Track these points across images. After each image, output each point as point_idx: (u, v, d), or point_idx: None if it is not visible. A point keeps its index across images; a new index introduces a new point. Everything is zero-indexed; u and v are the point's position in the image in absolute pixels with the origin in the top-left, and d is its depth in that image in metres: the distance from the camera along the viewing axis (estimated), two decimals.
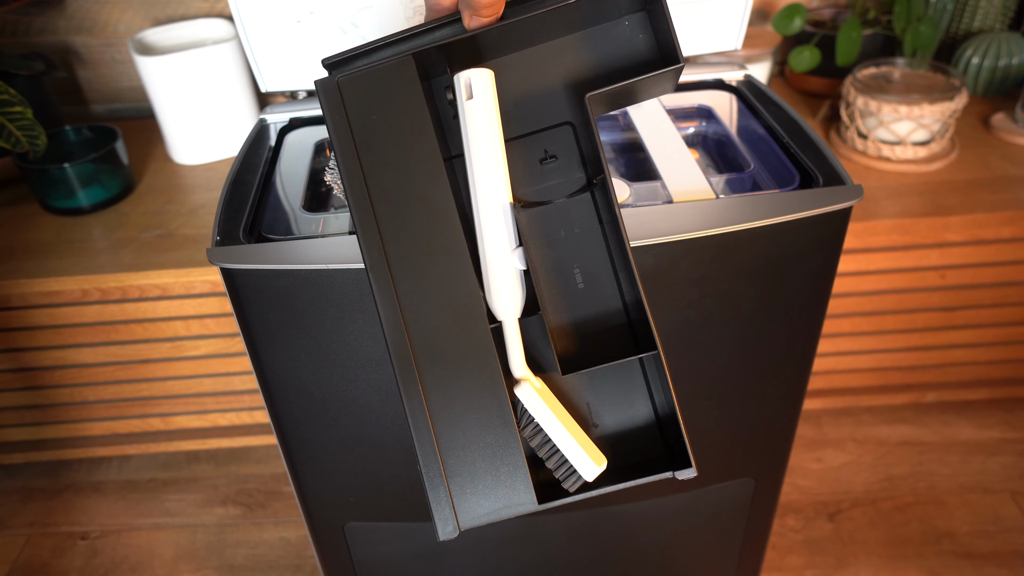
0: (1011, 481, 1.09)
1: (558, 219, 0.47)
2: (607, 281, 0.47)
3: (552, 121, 0.48)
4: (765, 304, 0.61)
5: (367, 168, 0.44)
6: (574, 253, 0.47)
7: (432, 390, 0.44)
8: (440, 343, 0.44)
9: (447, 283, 0.44)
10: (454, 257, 0.44)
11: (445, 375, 0.43)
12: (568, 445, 0.43)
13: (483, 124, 0.44)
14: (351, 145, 0.44)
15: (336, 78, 0.45)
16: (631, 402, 0.48)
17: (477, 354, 0.43)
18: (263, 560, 1.06)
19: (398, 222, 0.44)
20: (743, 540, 0.82)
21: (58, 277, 0.96)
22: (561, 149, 0.48)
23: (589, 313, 0.47)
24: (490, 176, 0.44)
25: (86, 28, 1.22)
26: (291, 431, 0.65)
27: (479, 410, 0.44)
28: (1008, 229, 0.98)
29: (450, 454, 0.43)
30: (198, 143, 1.15)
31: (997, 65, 1.17)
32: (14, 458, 1.16)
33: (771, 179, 0.64)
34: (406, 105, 0.44)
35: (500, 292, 0.44)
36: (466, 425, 0.43)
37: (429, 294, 0.44)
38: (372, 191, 0.44)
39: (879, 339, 1.09)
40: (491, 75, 0.45)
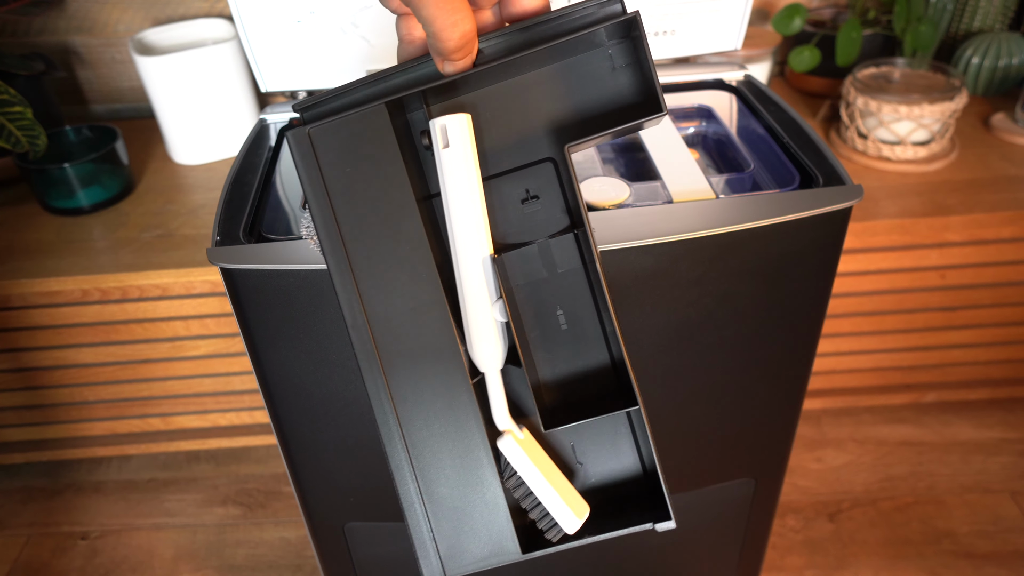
0: (1011, 481, 1.09)
1: (541, 259, 0.46)
2: (591, 323, 0.46)
3: (534, 157, 0.46)
4: (765, 304, 0.61)
5: (342, 222, 0.43)
6: (557, 294, 0.46)
7: (415, 445, 0.44)
8: (422, 399, 0.44)
9: (427, 339, 0.44)
10: (433, 313, 0.44)
11: (428, 431, 0.44)
12: (549, 498, 0.44)
13: (460, 174, 0.43)
14: (325, 199, 0.43)
15: (308, 130, 0.44)
16: (616, 443, 0.48)
17: (459, 409, 0.44)
18: (263, 560, 1.06)
19: (375, 278, 0.43)
20: (743, 540, 0.82)
21: (58, 277, 0.96)
22: (544, 187, 0.46)
23: (572, 357, 0.46)
24: (468, 229, 0.43)
25: (86, 28, 1.22)
26: (291, 431, 0.65)
27: (463, 464, 0.44)
28: (1008, 229, 0.98)
29: (435, 506, 0.44)
30: (198, 143, 1.15)
31: (997, 65, 1.17)
32: (14, 458, 1.16)
33: (771, 179, 0.64)
34: (380, 156, 0.43)
35: (481, 345, 0.44)
36: (450, 479, 0.44)
37: (410, 351, 0.44)
38: (348, 246, 0.43)
39: (879, 339, 1.09)
40: (468, 120, 0.44)
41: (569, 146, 0.44)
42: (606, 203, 0.60)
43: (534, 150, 0.46)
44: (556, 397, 0.47)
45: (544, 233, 0.46)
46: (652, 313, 0.59)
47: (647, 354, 0.62)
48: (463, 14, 0.39)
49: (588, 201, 0.60)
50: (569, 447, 0.48)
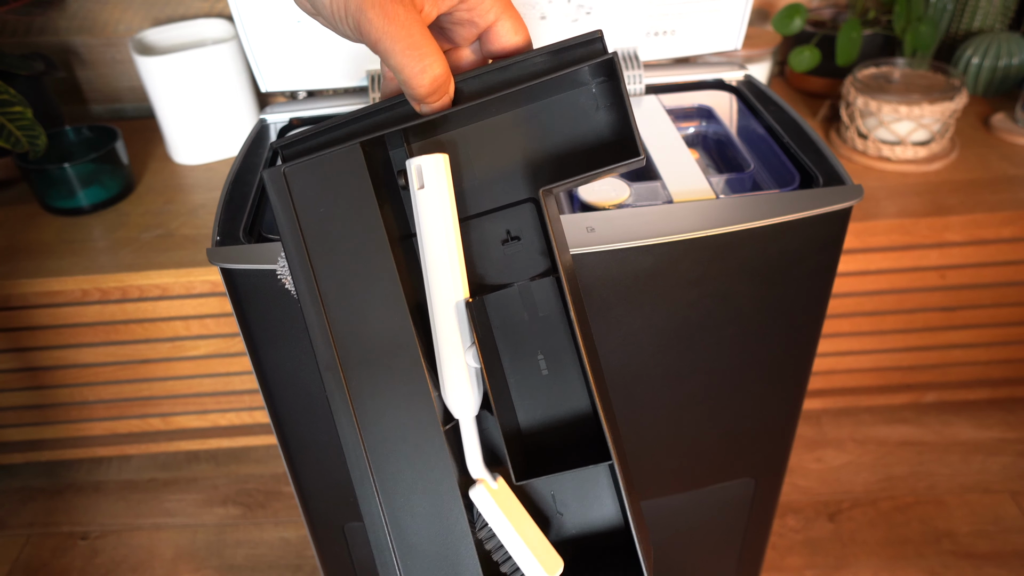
0: (1011, 481, 1.09)
1: (521, 301, 0.44)
2: (573, 369, 0.45)
3: (514, 197, 0.45)
4: (765, 304, 0.61)
5: (316, 263, 0.43)
6: (538, 338, 0.45)
7: (386, 492, 0.43)
8: (393, 445, 0.43)
9: (398, 384, 0.42)
10: (404, 357, 0.42)
11: (399, 477, 0.43)
12: (520, 553, 0.42)
13: (434, 216, 0.42)
14: (299, 238, 0.43)
15: (283, 169, 0.43)
16: (598, 493, 0.46)
17: (430, 457, 0.42)
18: (263, 560, 1.06)
19: (348, 321, 0.43)
20: (743, 540, 0.82)
21: (58, 277, 0.96)
22: (524, 227, 0.45)
23: (552, 404, 0.45)
24: (441, 272, 0.42)
25: (86, 28, 1.22)
26: (291, 431, 0.65)
27: (434, 513, 0.43)
28: (1008, 229, 0.98)
29: (405, 559, 0.43)
30: (198, 143, 1.15)
31: (997, 65, 1.17)
32: (14, 458, 1.16)
33: (771, 179, 0.64)
34: (354, 197, 0.42)
35: (454, 391, 0.42)
36: (421, 528, 0.43)
37: (381, 395, 0.43)
38: (321, 287, 0.43)
39: (879, 339, 1.09)
40: (444, 161, 0.42)
41: (544, 189, 0.42)
42: (606, 203, 0.60)
43: (515, 190, 0.45)
44: (533, 445, 0.45)
45: (525, 275, 0.45)
46: (652, 313, 0.59)
47: (647, 354, 0.62)
48: (431, 59, 0.39)
49: (588, 201, 0.60)
50: (549, 496, 0.46)
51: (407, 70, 0.39)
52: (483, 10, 0.42)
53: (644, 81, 0.75)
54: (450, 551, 0.43)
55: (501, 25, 0.42)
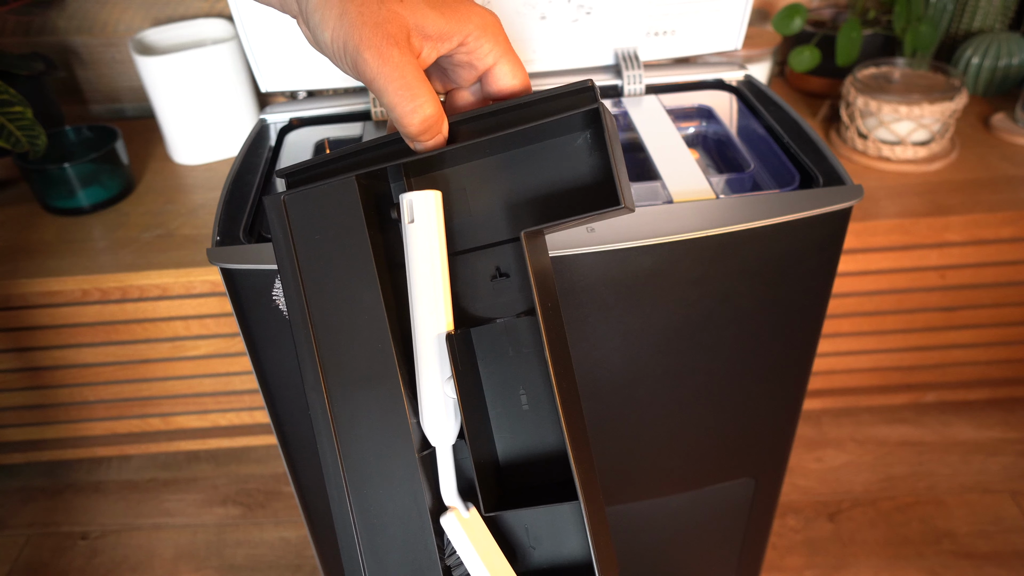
0: (1011, 481, 1.09)
1: (507, 337, 0.45)
2: (553, 404, 0.45)
3: (505, 235, 0.46)
4: (765, 304, 0.61)
5: (308, 287, 0.44)
6: (521, 374, 0.46)
7: (361, 513, 0.44)
8: (370, 468, 0.44)
9: (378, 409, 0.44)
10: (384, 384, 0.44)
11: (373, 499, 0.44)
12: None
13: (422, 250, 0.43)
14: (293, 264, 0.44)
15: (283, 197, 0.45)
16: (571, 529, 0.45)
17: (405, 482, 0.43)
18: (263, 560, 1.06)
19: (334, 345, 0.44)
20: (743, 540, 0.82)
21: (58, 277, 0.96)
22: (512, 264, 0.46)
23: (531, 439, 0.46)
24: (426, 304, 0.43)
25: (86, 28, 1.22)
26: (291, 431, 0.65)
27: (402, 539, 0.44)
28: (1008, 229, 0.98)
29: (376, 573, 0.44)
30: (198, 143, 1.15)
31: (997, 65, 1.17)
32: (14, 458, 1.16)
33: (771, 179, 0.64)
34: (347, 227, 0.44)
35: (431, 420, 0.43)
36: (391, 550, 0.44)
37: (361, 420, 0.44)
38: (312, 311, 0.44)
39: (879, 339, 1.09)
40: (436, 197, 0.44)
41: (526, 231, 0.43)
42: None
43: (507, 228, 0.46)
44: (509, 478, 0.46)
45: (512, 311, 0.46)
46: (652, 313, 0.59)
47: (647, 354, 0.62)
48: (423, 100, 0.40)
49: None
50: (523, 529, 0.46)
51: (398, 109, 0.40)
52: (482, 54, 0.43)
53: (644, 81, 0.75)
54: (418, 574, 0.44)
55: (500, 68, 0.44)
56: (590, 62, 0.77)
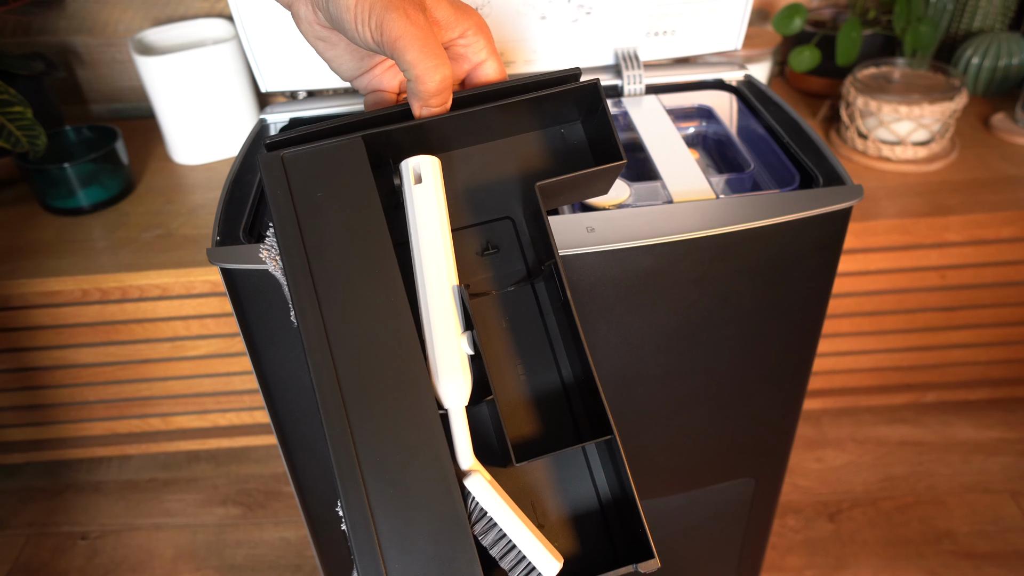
0: (1011, 481, 1.09)
1: (499, 310, 0.46)
2: (549, 373, 0.46)
3: (494, 215, 0.48)
4: (765, 304, 0.61)
5: (310, 246, 0.42)
6: (516, 345, 0.46)
7: (374, 485, 0.39)
8: (384, 433, 0.40)
9: (394, 369, 0.41)
10: (402, 341, 0.41)
11: (388, 468, 0.40)
12: (526, 540, 0.40)
13: (430, 207, 0.44)
14: (294, 222, 0.42)
15: (282, 154, 0.43)
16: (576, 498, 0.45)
17: (424, 444, 0.40)
18: (263, 560, 1.06)
19: (341, 303, 0.41)
20: (743, 540, 0.82)
21: (58, 277, 0.96)
22: (502, 241, 0.48)
23: (532, 404, 0.46)
24: (437, 257, 0.43)
25: (86, 28, 1.22)
26: (291, 431, 0.65)
27: (426, 506, 0.39)
28: (1008, 229, 0.98)
29: (393, 557, 0.39)
30: (198, 143, 1.15)
31: (997, 65, 1.17)
32: (14, 458, 1.16)
33: (771, 179, 0.64)
34: (354, 185, 0.43)
35: (447, 378, 0.41)
36: (411, 524, 0.39)
37: (373, 379, 0.41)
38: (314, 270, 0.42)
39: (879, 339, 1.09)
40: (437, 163, 0.45)
41: (539, 184, 0.45)
42: (606, 203, 0.60)
43: (495, 209, 0.48)
44: (522, 433, 0.45)
45: (502, 286, 0.47)
46: (652, 313, 0.59)
47: (647, 354, 0.62)
48: (442, 59, 0.43)
49: (588, 201, 0.60)
50: (529, 504, 0.44)
51: (421, 65, 0.43)
52: (476, 48, 0.48)
53: (644, 81, 0.75)
54: (445, 549, 0.39)
55: (488, 65, 0.48)
56: (590, 62, 0.77)
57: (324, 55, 0.49)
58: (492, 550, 0.40)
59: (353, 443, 0.40)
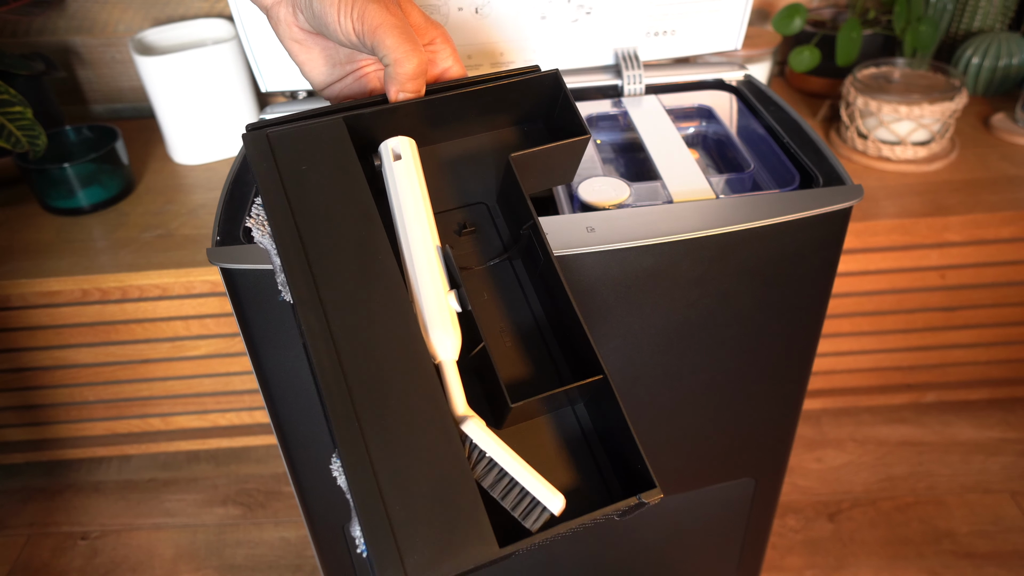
0: (1011, 481, 1.09)
1: (480, 283, 0.48)
2: (533, 338, 0.48)
3: (469, 201, 0.51)
4: (765, 304, 0.61)
5: (297, 213, 0.44)
6: (498, 313, 0.48)
7: (372, 430, 0.39)
8: (379, 383, 0.40)
9: (386, 321, 0.42)
10: (393, 296, 0.42)
11: (386, 416, 0.40)
12: (527, 478, 0.40)
13: (410, 179, 0.47)
14: (280, 191, 0.44)
15: (267, 132, 0.46)
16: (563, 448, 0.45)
17: (419, 392, 0.40)
18: (263, 560, 1.06)
19: (331, 260, 0.43)
20: (743, 540, 0.82)
21: (58, 277, 0.96)
22: (478, 224, 0.50)
23: (519, 363, 0.47)
24: (420, 221, 0.45)
25: (86, 28, 1.22)
26: (291, 431, 0.65)
27: (425, 450, 0.39)
28: (1008, 229, 0.98)
29: (395, 502, 0.38)
30: (198, 143, 1.15)
31: (997, 65, 1.17)
32: (14, 458, 1.16)
33: (771, 179, 0.64)
34: (338, 159, 0.45)
35: (438, 331, 0.42)
36: (411, 468, 0.39)
37: (367, 336, 0.41)
38: (304, 235, 0.43)
39: (879, 339, 1.09)
40: (414, 143, 0.48)
41: (514, 155, 0.48)
42: (606, 203, 0.60)
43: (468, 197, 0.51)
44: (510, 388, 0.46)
45: (481, 263, 0.49)
46: (652, 313, 0.59)
47: (647, 354, 0.62)
48: (419, 47, 0.47)
49: (588, 201, 0.60)
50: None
51: (400, 49, 0.46)
52: (444, 55, 0.51)
53: (644, 81, 0.75)
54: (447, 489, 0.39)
55: (453, 70, 0.52)
56: (590, 62, 0.77)
57: (298, 58, 0.52)
58: (493, 491, 0.41)
59: (349, 393, 0.40)
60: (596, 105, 0.74)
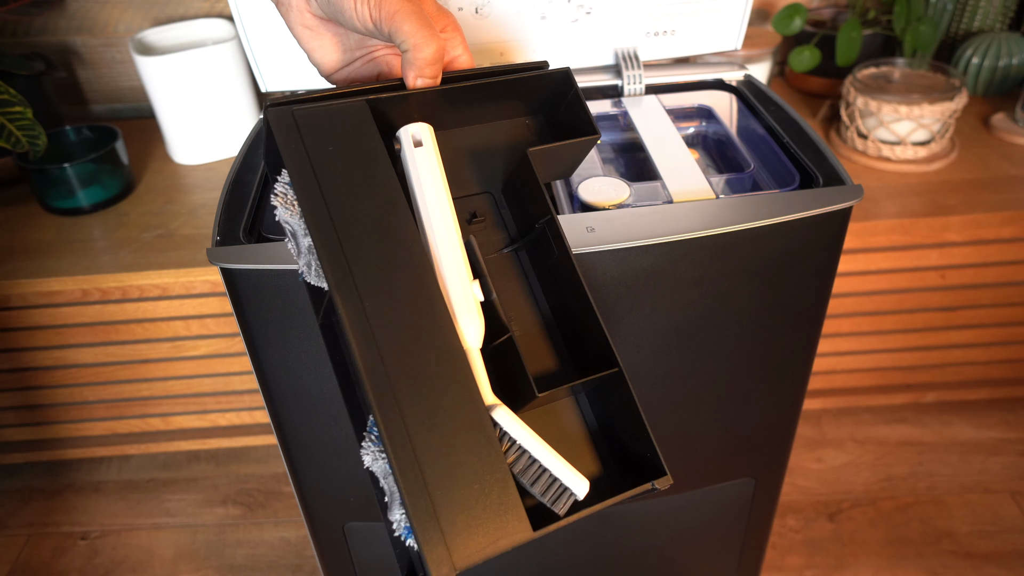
0: (1011, 481, 1.09)
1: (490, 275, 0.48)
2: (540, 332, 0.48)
3: (476, 190, 0.51)
4: (765, 304, 0.61)
5: (326, 192, 0.43)
6: (509, 308, 0.49)
7: (411, 414, 0.40)
8: (416, 368, 0.40)
9: (418, 307, 0.42)
10: (424, 282, 0.42)
11: (424, 401, 0.40)
12: (555, 463, 0.42)
13: (432, 167, 0.46)
14: (309, 171, 0.43)
15: (292, 109, 0.44)
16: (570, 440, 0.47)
17: (454, 378, 0.41)
18: (263, 560, 1.06)
19: (362, 243, 0.42)
20: (743, 540, 0.82)
21: (58, 277, 0.96)
22: (485, 212, 0.51)
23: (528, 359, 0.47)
24: (444, 211, 0.45)
25: (86, 28, 1.22)
26: (291, 431, 0.65)
27: (463, 435, 0.40)
28: (1008, 229, 0.98)
29: (437, 486, 0.39)
30: (198, 143, 1.15)
31: (997, 65, 1.17)
32: (14, 458, 1.16)
33: (771, 179, 0.64)
34: (363, 142, 0.45)
35: (465, 319, 0.43)
36: (451, 453, 0.40)
37: (400, 316, 0.41)
38: (334, 217, 0.42)
39: (879, 339, 1.09)
40: (432, 129, 0.48)
41: (532, 150, 0.48)
42: (606, 203, 0.60)
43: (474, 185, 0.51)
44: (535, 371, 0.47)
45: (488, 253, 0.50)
46: (652, 313, 0.59)
47: (647, 354, 0.62)
48: (436, 33, 0.47)
49: (588, 201, 0.60)
50: None
51: (419, 35, 0.46)
52: (454, 43, 0.51)
53: (644, 81, 0.75)
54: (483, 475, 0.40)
55: (462, 58, 0.52)
56: (590, 62, 0.77)
57: (308, 45, 0.51)
58: (523, 477, 0.42)
59: (388, 377, 0.40)
60: (596, 105, 0.74)
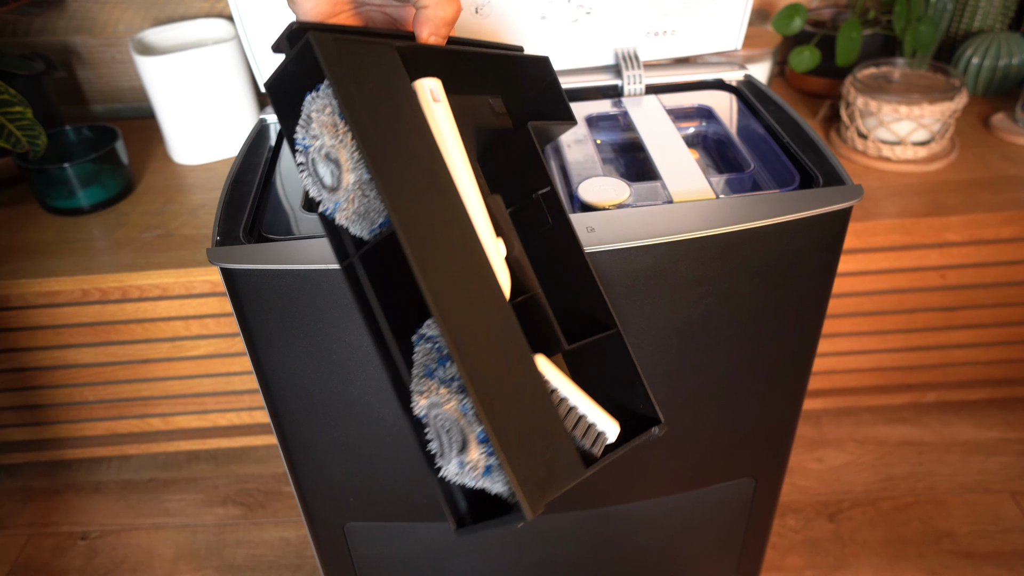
0: (1011, 481, 1.09)
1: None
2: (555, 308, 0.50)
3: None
4: (765, 304, 0.61)
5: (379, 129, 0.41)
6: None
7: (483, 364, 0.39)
8: (475, 317, 0.40)
9: (465, 256, 0.41)
10: (467, 234, 0.42)
11: (489, 348, 0.40)
12: (591, 409, 0.45)
13: (451, 123, 0.46)
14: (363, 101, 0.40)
15: (332, 37, 0.41)
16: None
17: (506, 327, 0.42)
18: (263, 560, 1.06)
19: (416, 189, 0.41)
20: (743, 540, 0.82)
21: (58, 277, 0.96)
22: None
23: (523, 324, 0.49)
24: (466, 166, 0.46)
25: (86, 28, 1.22)
26: (291, 431, 0.65)
27: (523, 381, 0.41)
28: (1008, 229, 0.98)
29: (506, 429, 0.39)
30: (198, 143, 1.15)
31: (997, 65, 1.17)
32: (14, 458, 1.16)
33: (771, 179, 0.64)
34: (399, 86, 0.43)
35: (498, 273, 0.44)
36: (512, 397, 0.40)
37: (450, 262, 0.40)
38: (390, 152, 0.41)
39: (879, 339, 1.09)
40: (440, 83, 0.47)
41: (532, 123, 0.50)
42: (606, 203, 0.60)
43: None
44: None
45: None
46: (652, 313, 0.59)
47: (647, 354, 0.62)
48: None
49: (588, 201, 0.60)
50: None
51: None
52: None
53: (644, 81, 0.75)
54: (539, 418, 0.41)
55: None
56: (590, 62, 0.77)
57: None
58: (564, 422, 0.45)
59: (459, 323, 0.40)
60: (596, 105, 0.74)
